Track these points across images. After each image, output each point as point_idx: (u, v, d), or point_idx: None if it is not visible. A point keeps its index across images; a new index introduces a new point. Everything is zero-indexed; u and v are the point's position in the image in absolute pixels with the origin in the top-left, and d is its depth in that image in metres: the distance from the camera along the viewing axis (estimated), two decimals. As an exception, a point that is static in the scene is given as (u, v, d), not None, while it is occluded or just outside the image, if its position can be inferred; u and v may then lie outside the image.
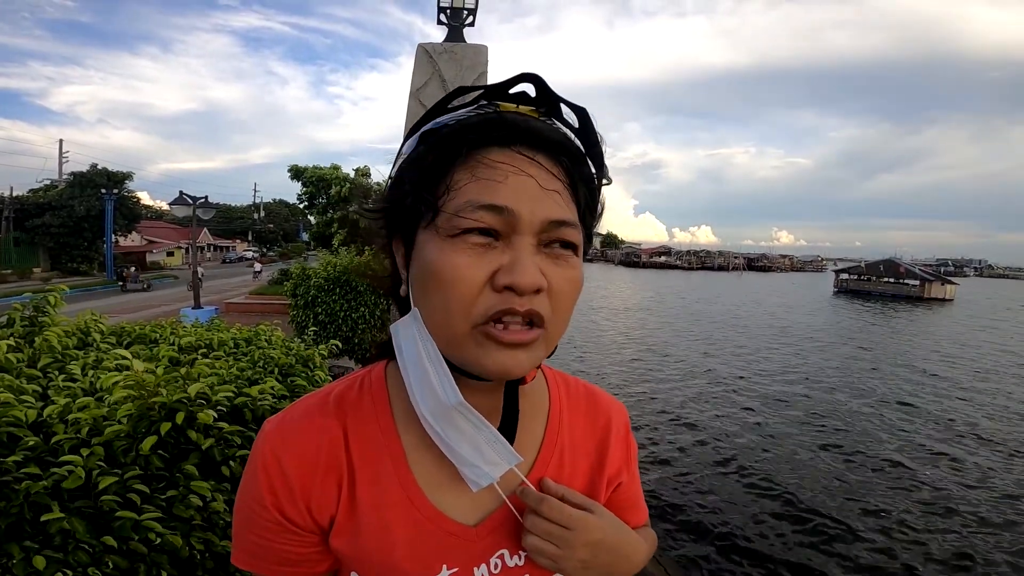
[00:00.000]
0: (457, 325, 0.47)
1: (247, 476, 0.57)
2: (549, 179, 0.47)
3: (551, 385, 0.66)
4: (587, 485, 0.63)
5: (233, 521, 0.59)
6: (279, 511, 0.54)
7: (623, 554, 0.60)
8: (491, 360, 0.47)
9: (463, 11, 3.14)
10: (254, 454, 0.56)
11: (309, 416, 0.57)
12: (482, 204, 0.45)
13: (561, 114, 0.51)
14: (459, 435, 0.52)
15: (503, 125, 0.47)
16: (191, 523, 1.33)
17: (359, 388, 0.59)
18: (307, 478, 0.54)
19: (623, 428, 0.69)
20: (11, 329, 1.86)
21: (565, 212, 0.48)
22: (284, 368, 1.96)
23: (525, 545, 0.56)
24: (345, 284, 6.16)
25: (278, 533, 0.55)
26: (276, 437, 0.56)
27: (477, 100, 0.50)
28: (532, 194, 0.46)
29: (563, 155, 0.49)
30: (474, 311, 0.46)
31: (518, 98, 0.50)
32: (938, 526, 5.41)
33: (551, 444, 0.62)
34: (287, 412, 0.59)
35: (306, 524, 0.55)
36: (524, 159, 0.47)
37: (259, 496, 0.54)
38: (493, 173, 0.46)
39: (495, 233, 0.46)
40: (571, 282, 0.49)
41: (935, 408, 9.83)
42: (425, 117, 0.51)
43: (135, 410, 1.26)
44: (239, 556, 0.58)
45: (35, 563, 1.10)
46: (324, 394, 0.60)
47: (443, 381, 0.50)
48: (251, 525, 0.56)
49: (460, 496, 0.57)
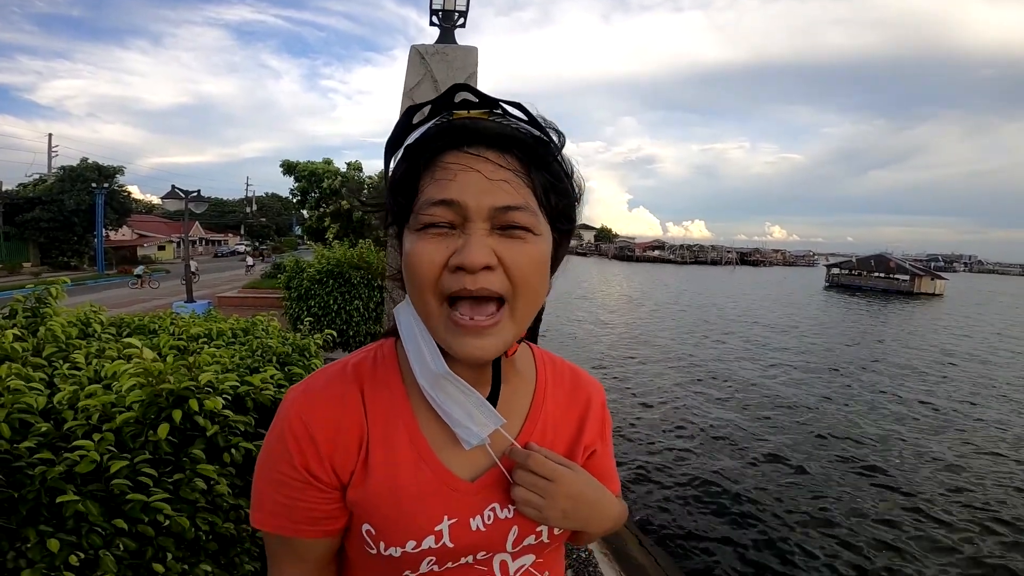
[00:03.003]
0: (428, 301, 0.56)
1: (272, 440, 0.63)
2: (496, 170, 0.54)
3: (539, 364, 0.74)
4: (567, 450, 0.71)
5: (254, 486, 0.64)
6: (306, 469, 0.60)
7: (599, 508, 0.69)
8: (459, 346, 0.55)
9: (454, 13, 3.24)
10: (280, 419, 0.63)
11: (331, 383, 0.64)
12: (434, 201, 0.54)
13: (507, 112, 0.57)
14: (450, 400, 0.61)
15: (451, 130, 0.55)
16: (196, 505, 1.38)
17: (373, 359, 0.67)
18: (331, 438, 0.61)
19: (600, 403, 0.77)
20: (14, 320, 1.90)
21: (512, 198, 0.54)
22: (282, 357, 2.01)
23: (513, 496, 0.64)
24: (339, 277, 6.18)
25: (304, 491, 0.61)
26: (302, 402, 0.62)
27: (435, 113, 0.57)
28: (479, 186, 0.53)
29: (513, 147, 0.55)
30: (437, 289, 0.55)
31: (467, 105, 0.57)
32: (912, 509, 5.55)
33: (536, 414, 0.70)
34: (310, 380, 0.66)
35: (330, 480, 0.61)
36: (471, 156, 0.54)
37: (288, 456, 0.61)
38: (446, 173, 0.54)
39: (452, 224, 0.54)
40: (527, 256, 0.55)
41: (914, 398, 10.02)
42: (395, 134, 0.59)
43: (145, 397, 1.31)
44: (262, 518, 0.63)
45: (49, 546, 1.14)
46: (342, 364, 0.67)
47: (432, 353, 0.60)
48: (278, 487, 0.62)
49: (459, 455, 0.64)
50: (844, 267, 45.01)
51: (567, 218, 0.61)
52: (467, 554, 0.64)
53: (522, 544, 0.67)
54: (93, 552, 1.21)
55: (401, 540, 0.61)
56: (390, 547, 0.61)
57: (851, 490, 6.04)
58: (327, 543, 0.65)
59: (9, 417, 1.21)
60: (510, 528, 0.65)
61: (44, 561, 1.15)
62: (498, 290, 0.54)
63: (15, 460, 1.17)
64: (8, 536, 1.16)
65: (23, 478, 1.16)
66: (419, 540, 0.61)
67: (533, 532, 0.66)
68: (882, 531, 5.16)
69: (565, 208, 0.61)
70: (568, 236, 0.63)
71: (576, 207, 0.63)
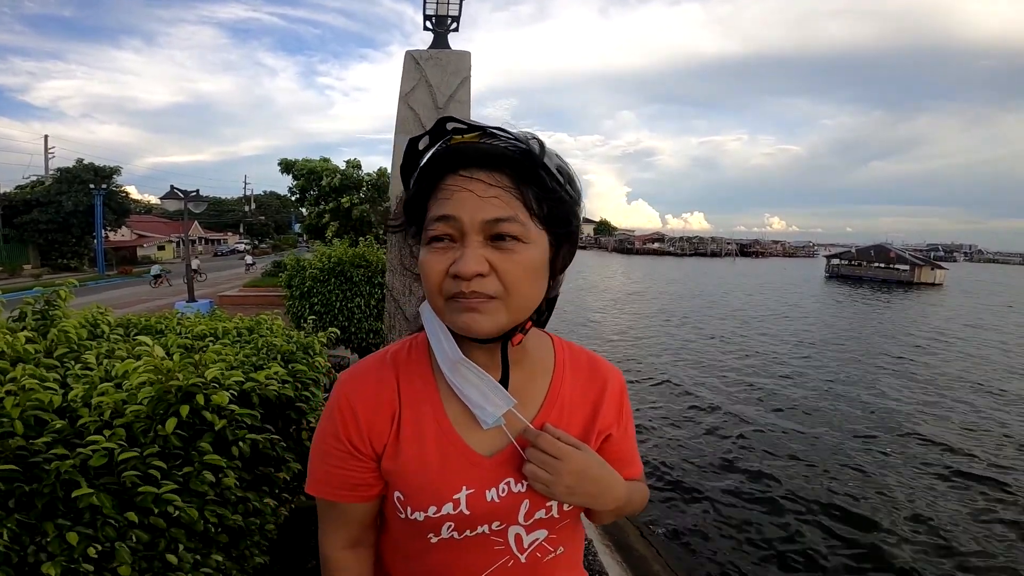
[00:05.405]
0: (436, 300, 0.66)
1: (325, 417, 0.75)
2: (487, 188, 0.62)
3: (557, 351, 0.82)
4: (581, 432, 0.78)
5: (309, 458, 0.77)
6: (349, 441, 0.72)
7: (604, 485, 0.75)
8: (459, 320, 0.65)
9: (447, 18, 3.33)
10: (332, 399, 0.74)
11: (372, 369, 0.76)
12: (435, 217, 0.64)
13: (495, 134, 0.64)
14: (467, 383, 0.71)
15: (448, 155, 0.64)
16: (205, 498, 1.43)
17: (408, 349, 0.78)
18: (370, 415, 0.72)
19: (617, 390, 0.83)
20: (23, 322, 1.94)
21: (500, 211, 0.62)
22: (286, 355, 2.05)
23: (524, 471, 0.71)
24: (340, 274, 6.22)
25: (346, 460, 0.72)
26: (349, 385, 0.74)
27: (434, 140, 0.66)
28: (473, 203, 0.62)
29: (502, 164, 0.63)
30: (442, 291, 0.65)
31: (461, 130, 0.65)
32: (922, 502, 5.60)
33: (553, 398, 0.78)
34: (357, 367, 0.77)
35: (368, 452, 0.72)
36: (464, 178, 0.63)
37: (335, 431, 0.72)
38: (446, 193, 0.63)
39: (453, 237, 0.63)
40: (518, 264, 0.63)
41: (917, 387, 10.07)
42: (405, 163, 0.69)
43: (154, 393, 1.36)
44: (312, 485, 0.75)
45: (69, 539, 1.18)
46: (383, 353, 0.78)
47: (449, 343, 0.70)
48: (326, 457, 0.73)
49: (479, 434, 0.73)
50: (844, 258, 44.94)
51: (564, 222, 0.67)
52: (483, 523, 0.72)
53: (534, 517, 0.74)
54: (109, 544, 1.26)
55: (424, 506, 0.70)
56: (415, 512, 0.70)
57: (854, 482, 6.08)
58: (365, 507, 0.76)
59: (24, 415, 1.25)
60: (522, 501, 0.72)
61: (64, 554, 1.20)
62: (491, 293, 0.63)
63: (31, 456, 1.21)
64: (28, 531, 1.21)
65: (40, 472, 1.20)
66: (439, 506, 0.69)
67: (544, 507, 0.73)
68: (884, 523, 5.19)
69: (560, 213, 0.66)
70: (568, 238, 0.69)
71: (575, 210, 0.69)
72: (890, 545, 4.78)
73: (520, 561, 0.75)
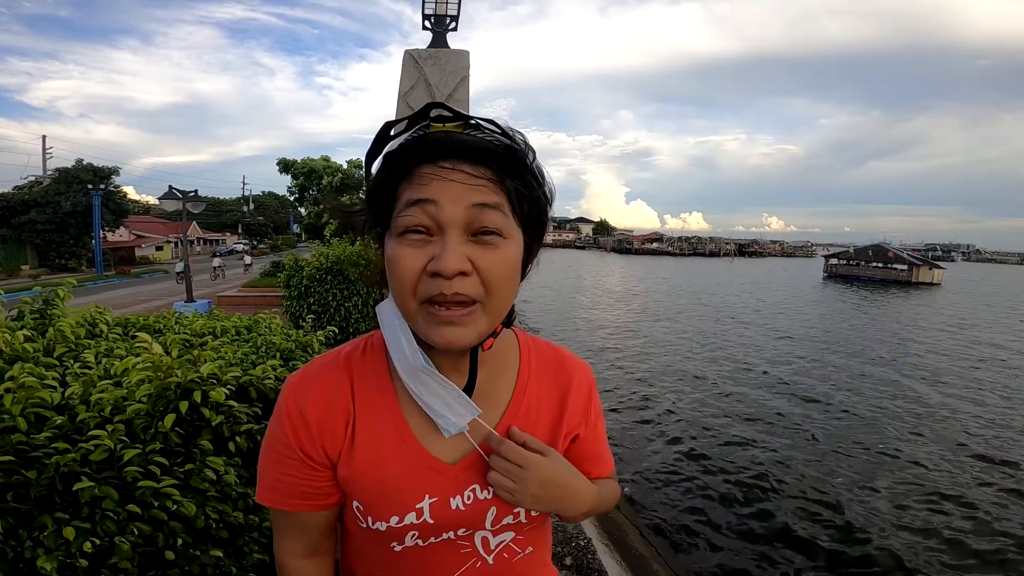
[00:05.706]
0: (408, 303, 0.60)
1: (274, 422, 0.69)
2: (468, 179, 0.57)
3: (522, 349, 0.78)
4: (548, 434, 0.74)
5: (259, 465, 0.70)
6: (300, 449, 0.66)
7: (571, 491, 0.72)
8: (436, 334, 0.59)
9: (446, 18, 3.33)
10: (280, 403, 0.69)
11: (324, 370, 0.70)
12: (412, 201, 0.57)
13: (480, 124, 0.61)
14: (429, 392, 0.65)
15: (428, 143, 0.58)
16: (206, 494, 1.43)
17: (362, 349, 0.72)
18: (322, 419, 0.67)
19: (585, 385, 0.79)
20: (22, 322, 1.95)
21: (488, 197, 0.58)
22: (284, 353, 2.06)
23: (489, 480, 0.68)
24: (338, 274, 6.23)
25: (298, 468, 0.67)
26: (298, 388, 0.69)
27: (412, 126, 0.61)
28: (455, 189, 0.57)
29: (487, 158, 0.59)
30: (417, 292, 0.59)
31: (444, 118, 0.60)
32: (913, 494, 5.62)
33: (519, 399, 0.74)
34: (306, 368, 0.71)
35: (321, 459, 0.67)
36: (446, 169, 0.57)
37: (284, 437, 0.67)
38: (423, 179, 0.58)
39: (429, 230, 0.58)
40: (500, 263, 0.59)
41: (915, 384, 10.10)
42: (374, 146, 0.62)
43: (153, 390, 1.36)
44: (262, 494, 0.70)
45: (65, 534, 1.18)
46: (335, 354, 0.73)
47: (411, 348, 0.64)
48: (276, 464, 0.68)
49: (442, 440, 0.69)
50: (842, 257, 44.98)
51: (539, 222, 0.65)
52: (448, 530, 0.69)
53: (501, 523, 0.71)
54: (108, 539, 1.26)
55: (386, 516, 0.66)
56: (376, 522, 0.66)
57: (856, 477, 6.09)
58: (321, 516, 0.71)
59: (24, 412, 1.26)
60: (488, 508, 0.69)
61: (60, 549, 1.20)
62: (472, 295, 0.58)
63: (32, 450, 1.22)
64: (25, 524, 1.21)
65: (40, 467, 1.21)
66: (401, 516, 0.66)
67: (511, 513, 0.71)
68: (887, 519, 5.20)
69: (537, 213, 0.64)
70: (539, 239, 0.67)
71: (547, 211, 0.66)
72: (890, 544, 4.79)
73: (488, 563, 0.73)
